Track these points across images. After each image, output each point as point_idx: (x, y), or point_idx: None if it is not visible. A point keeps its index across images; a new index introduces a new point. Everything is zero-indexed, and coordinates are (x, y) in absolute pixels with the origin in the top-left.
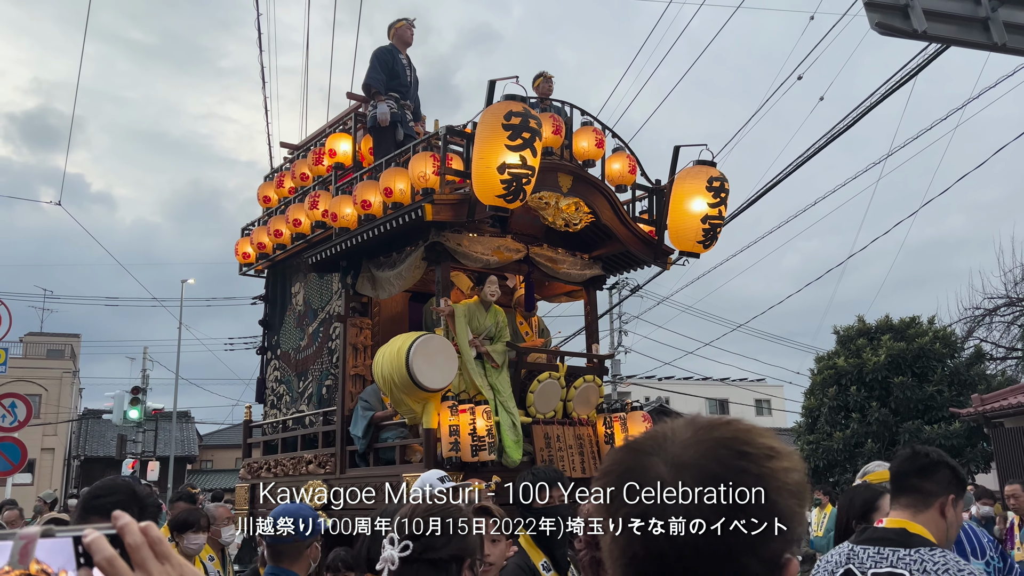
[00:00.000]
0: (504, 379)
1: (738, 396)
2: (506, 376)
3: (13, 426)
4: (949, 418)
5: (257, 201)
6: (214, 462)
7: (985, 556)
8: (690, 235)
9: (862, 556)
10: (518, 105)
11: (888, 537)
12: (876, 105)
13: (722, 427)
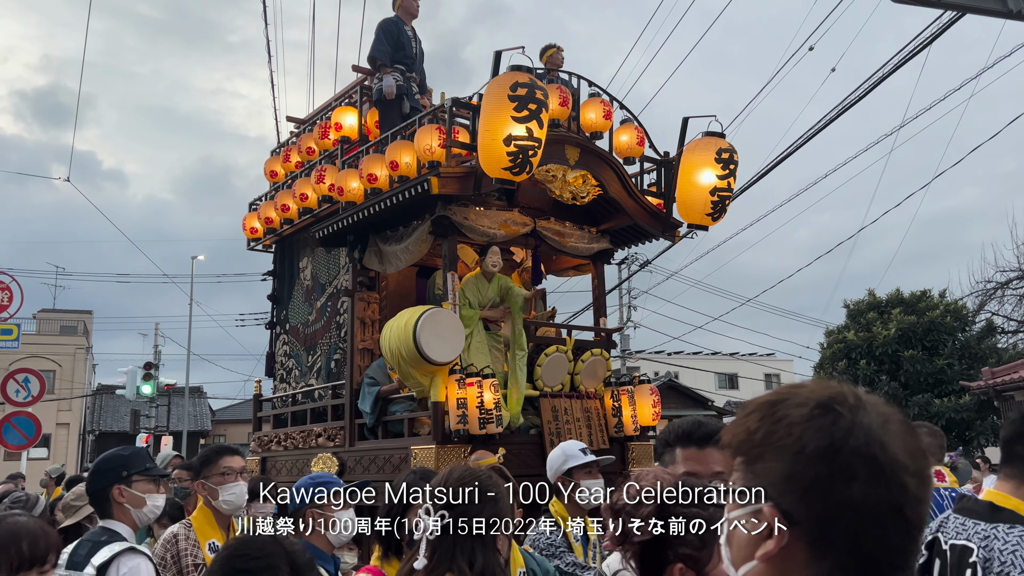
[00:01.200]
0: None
1: (747, 371)
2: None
3: (27, 401)
4: (959, 391)
5: (264, 176)
6: (227, 437)
7: None
8: (698, 207)
9: (948, 526)
10: (524, 76)
11: (976, 509)
12: (889, 76)
13: None
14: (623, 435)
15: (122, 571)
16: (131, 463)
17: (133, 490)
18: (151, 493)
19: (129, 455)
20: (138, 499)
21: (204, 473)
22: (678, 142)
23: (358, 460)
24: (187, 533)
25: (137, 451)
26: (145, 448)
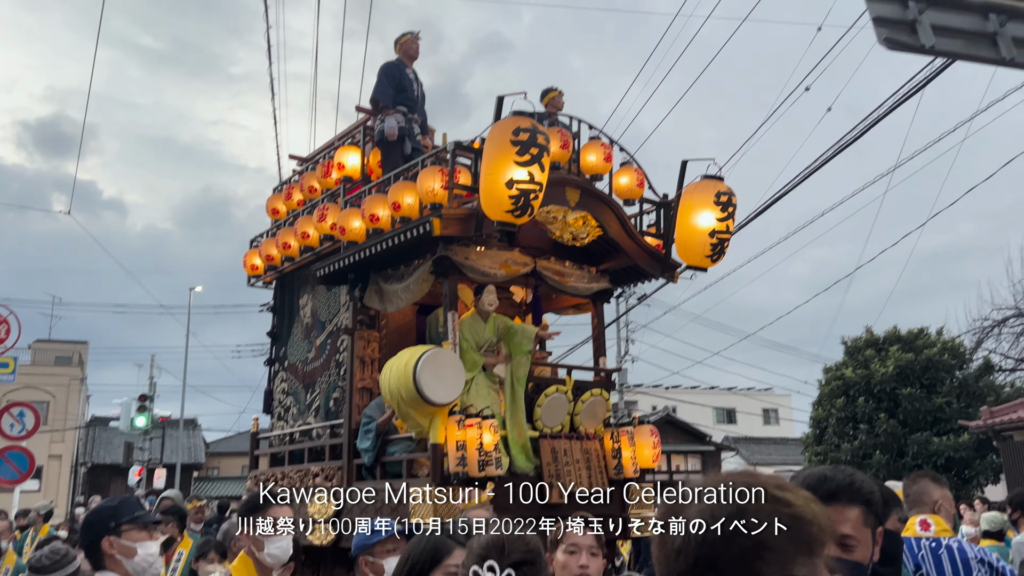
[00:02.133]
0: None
1: (745, 405)
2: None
3: (21, 435)
4: (958, 430)
5: (266, 212)
6: (220, 469)
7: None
8: (698, 249)
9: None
10: (526, 121)
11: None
12: (884, 117)
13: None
14: (623, 477)
15: None
16: (119, 513)
17: (123, 540)
18: (143, 541)
19: (117, 505)
20: (128, 549)
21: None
22: (677, 184)
23: (355, 501)
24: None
25: (126, 500)
26: (135, 497)
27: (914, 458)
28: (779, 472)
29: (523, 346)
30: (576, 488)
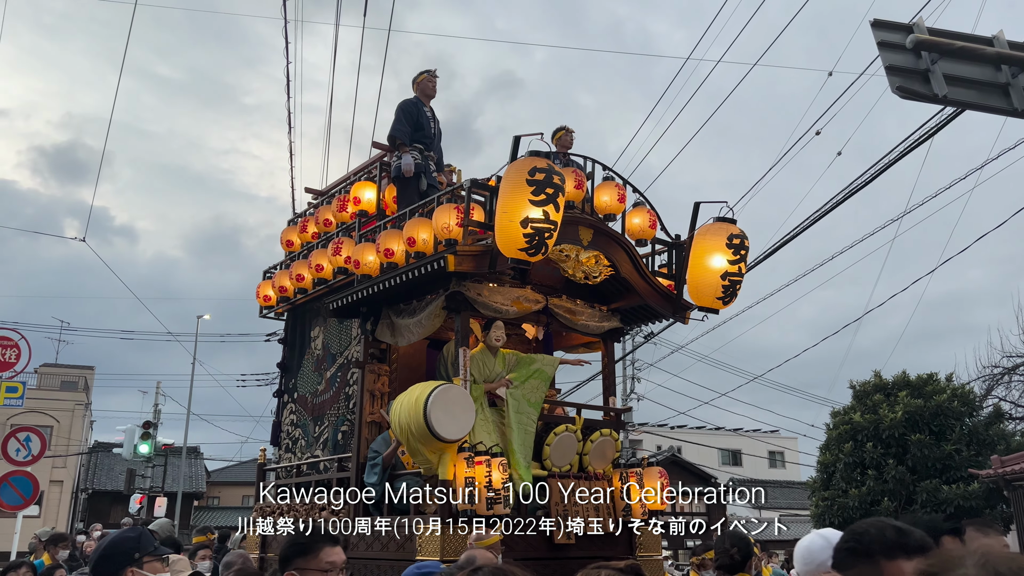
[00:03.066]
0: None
1: (751, 447)
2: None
3: (27, 460)
4: (968, 478)
5: (280, 243)
6: (221, 499)
7: None
8: (709, 291)
9: None
10: (542, 161)
11: None
12: (894, 163)
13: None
14: (631, 519)
15: None
16: (141, 545)
17: (145, 571)
18: (160, 573)
19: (138, 537)
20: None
21: (298, 564)
22: (689, 226)
23: (361, 536)
24: None
25: (144, 532)
26: (149, 530)
27: (923, 506)
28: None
29: (544, 372)
30: (584, 529)
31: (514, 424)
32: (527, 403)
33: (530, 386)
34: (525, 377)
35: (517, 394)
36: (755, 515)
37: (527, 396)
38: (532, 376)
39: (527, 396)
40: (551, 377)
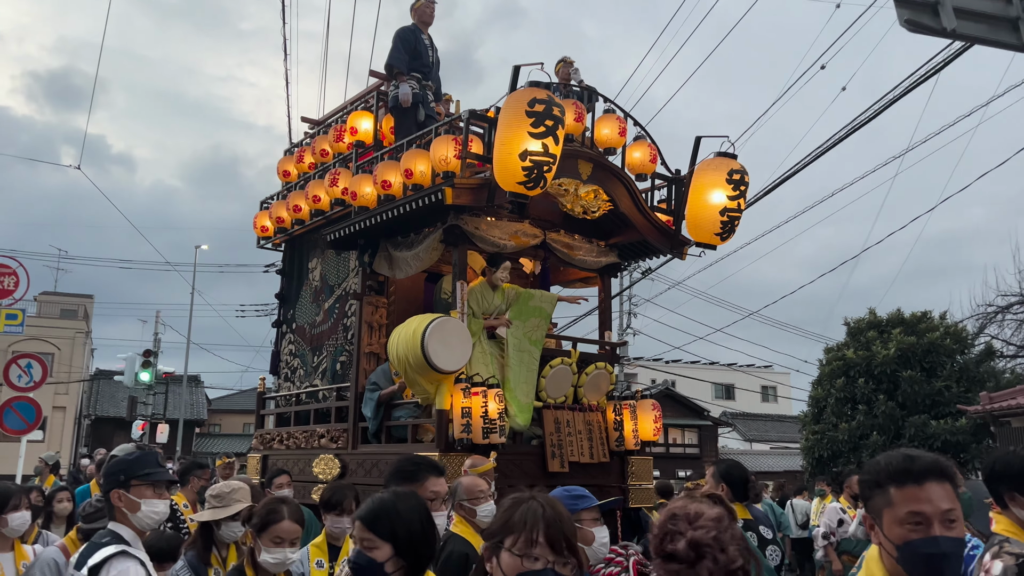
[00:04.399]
0: (511, 363)
1: (744, 382)
2: (512, 360)
3: (29, 386)
4: (956, 414)
5: (276, 174)
6: (222, 426)
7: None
8: (708, 227)
9: None
10: (542, 92)
11: None
12: (899, 99)
13: None
14: (624, 449)
15: (111, 574)
16: (133, 467)
17: (131, 495)
18: (148, 499)
19: (133, 460)
20: (133, 504)
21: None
22: (690, 160)
23: (360, 463)
24: None
25: (143, 456)
26: (154, 453)
27: (911, 440)
28: (775, 448)
29: (543, 310)
30: (578, 458)
31: (514, 362)
32: (528, 341)
33: (531, 324)
34: (526, 315)
35: (518, 332)
36: (746, 448)
37: (528, 335)
38: (533, 314)
39: (528, 335)
40: (550, 315)
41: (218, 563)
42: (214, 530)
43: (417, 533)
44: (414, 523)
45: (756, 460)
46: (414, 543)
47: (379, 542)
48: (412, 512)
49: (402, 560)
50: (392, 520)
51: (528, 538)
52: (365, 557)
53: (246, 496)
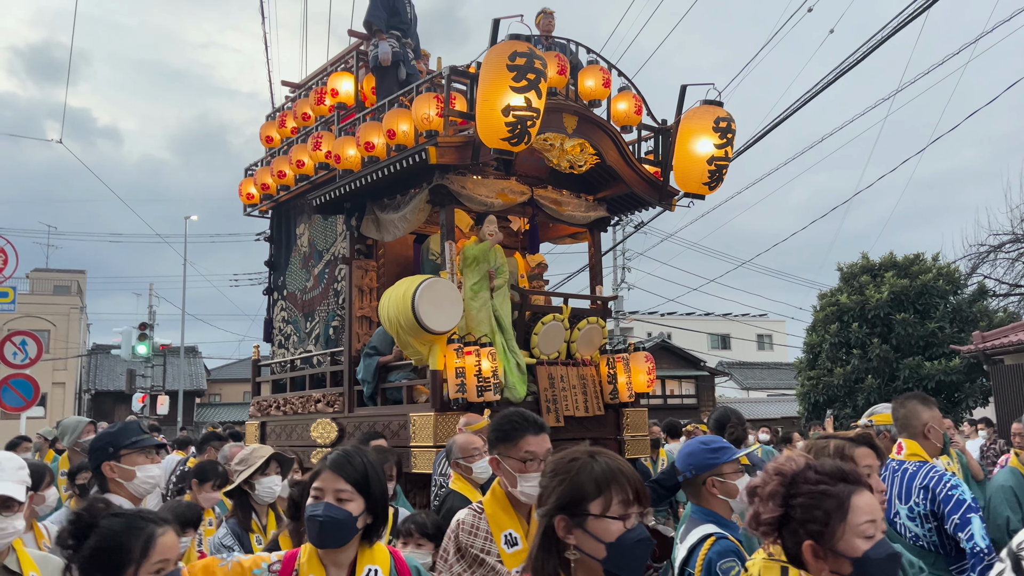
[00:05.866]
0: (508, 319)
1: (740, 331)
2: (509, 315)
3: (24, 363)
4: (950, 355)
5: (260, 141)
6: (222, 395)
7: (909, 500)
8: (696, 176)
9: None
10: (523, 45)
11: None
12: (887, 39)
13: None
14: (618, 401)
15: None
16: (119, 438)
17: (123, 464)
18: (142, 464)
19: (117, 431)
20: (128, 472)
21: (500, 450)
22: (676, 110)
23: (357, 426)
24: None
25: (126, 426)
26: (136, 422)
27: (905, 382)
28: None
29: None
30: (573, 412)
31: (506, 321)
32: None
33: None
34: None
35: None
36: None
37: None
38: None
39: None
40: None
41: (259, 530)
42: (251, 496)
43: (384, 491)
44: (383, 480)
45: (753, 408)
46: (383, 500)
47: (355, 495)
48: (381, 469)
49: (370, 517)
50: (368, 474)
51: (624, 497)
52: (341, 510)
53: (266, 450)
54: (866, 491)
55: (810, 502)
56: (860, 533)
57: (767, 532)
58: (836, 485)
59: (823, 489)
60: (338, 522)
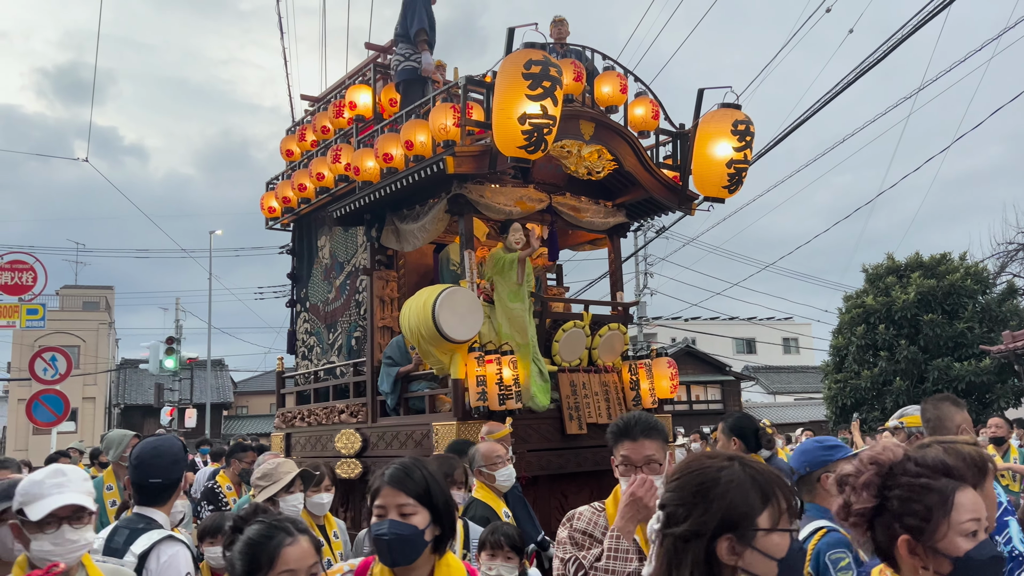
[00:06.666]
0: (531, 327)
1: (765, 335)
2: (532, 324)
3: (55, 379)
4: (979, 355)
5: (280, 155)
6: (249, 408)
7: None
8: (715, 180)
9: None
10: (538, 53)
11: None
12: (909, 36)
13: None
14: (641, 408)
15: (162, 559)
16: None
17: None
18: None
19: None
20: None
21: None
22: (694, 114)
23: (380, 436)
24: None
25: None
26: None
27: (935, 383)
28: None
29: (530, 281)
30: (596, 419)
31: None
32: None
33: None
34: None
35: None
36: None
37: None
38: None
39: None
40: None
41: None
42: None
43: (448, 502)
44: (446, 491)
45: (780, 412)
46: (448, 510)
47: (418, 507)
48: (441, 478)
49: (438, 528)
50: (429, 484)
51: (788, 505)
52: (407, 525)
53: (292, 467)
54: (970, 488)
55: (909, 495)
56: (963, 531)
57: (857, 523)
58: (939, 480)
59: (924, 483)
60: (405, 538)
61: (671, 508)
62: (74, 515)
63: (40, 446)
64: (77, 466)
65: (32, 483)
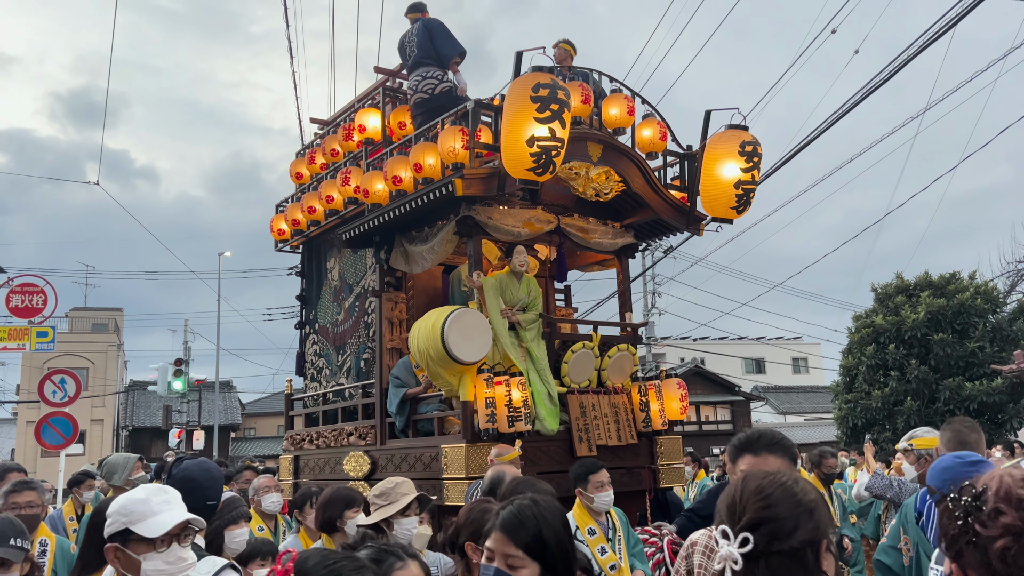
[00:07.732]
0: (540, 349)
1: (774, 355)
2: (542, 346)
3: (64, 401)
4: (991, 375)
5: (290, 177)
6: (257, 429)
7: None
8: (723, 201)
9: None
10: (546, 77)
11: None
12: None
13: None
14: (651, 429)
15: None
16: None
17: None
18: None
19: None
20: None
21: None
22: (701, 135)
23: (389, 459)
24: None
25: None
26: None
27: (946, 404)
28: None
29: (538, 304)
30: (606, 440)
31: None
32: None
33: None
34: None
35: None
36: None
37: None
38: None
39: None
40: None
41: None
42: (386, 533)
43: (565, 550)
44: (563, 538)
45: (791, 433)
46: (565, 559)
47: (527, 561)
48: (560, 524)
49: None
50: (543, 535)
51: (832, 526)
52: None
53: (411, 488)
54: None
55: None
56: None
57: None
58: None
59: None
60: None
61: (773, 525)
62: (182, 532)
63: (48, 469)
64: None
65: (136, 501)
